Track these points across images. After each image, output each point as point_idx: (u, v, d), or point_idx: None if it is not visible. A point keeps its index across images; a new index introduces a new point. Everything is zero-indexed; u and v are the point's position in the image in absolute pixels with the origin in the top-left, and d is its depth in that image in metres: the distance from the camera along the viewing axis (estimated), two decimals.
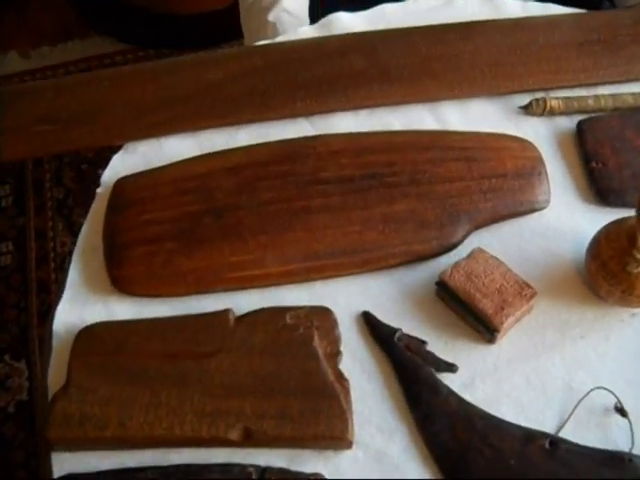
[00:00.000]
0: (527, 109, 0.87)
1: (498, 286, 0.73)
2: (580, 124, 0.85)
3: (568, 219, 0.81)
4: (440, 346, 0.73)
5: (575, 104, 0.86)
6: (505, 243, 0.79)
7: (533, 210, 0.80)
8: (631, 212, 0.71)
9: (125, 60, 1.78)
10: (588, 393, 0.70)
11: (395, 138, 0.82)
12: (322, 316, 0.74)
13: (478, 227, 0.78)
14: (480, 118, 0.87)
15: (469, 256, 0.75)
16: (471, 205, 0.78)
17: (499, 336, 0.72)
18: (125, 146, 0.88)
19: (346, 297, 0.76)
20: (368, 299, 0.76)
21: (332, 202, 0.78)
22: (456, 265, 0.74)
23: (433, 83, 0.87)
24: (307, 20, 1.07)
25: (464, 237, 0.78)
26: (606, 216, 0.79)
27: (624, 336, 0.74)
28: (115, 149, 0.89)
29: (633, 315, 0.75)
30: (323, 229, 0.77)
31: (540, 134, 0.86)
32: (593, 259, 0.73)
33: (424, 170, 0.80)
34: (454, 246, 0.77)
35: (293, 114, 0.86)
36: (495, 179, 0.80)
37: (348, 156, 0.81)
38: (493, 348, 0.73)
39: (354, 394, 0.70)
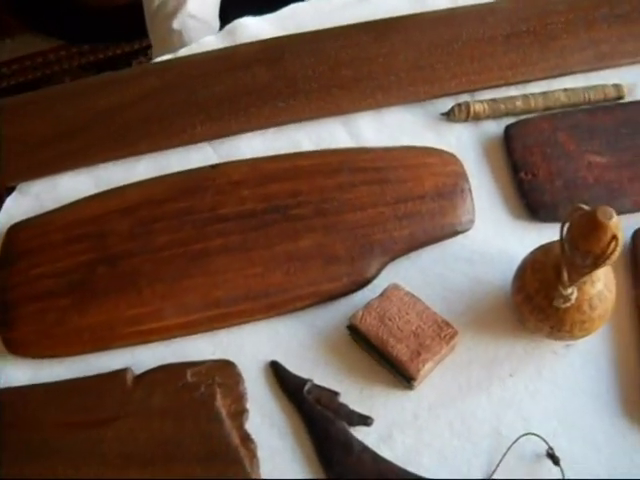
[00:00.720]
0: (449, 116, 0.81)
1: (414, 328, 0.68)
2: (507, 129, 0.80)
3: (496, 239, 0.76)
4: (355, 394, 0.69)
5: (502, 106, 0.81)
6: (426, 272, 0.74)
7: (456, 233, 0.75)
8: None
9: (58, 57, 1.71)
10: (517, 440, 0.66)
11: (301, 162, 0.77)
12: (225, 371, 0.70)
13: (395, 257, 0.73)
14: (398, 129, 0.82)
15: (382, 295, 0.70)
16: (385, 234, 0.73)
17: (417, 383, 0.68)
18: (18, 187, 0.83)
19: (253, 345, 0.72)
20: (277, 346, 0.72)
21: (232, 242, 0.73)
22: (368, 306, 0.69)
23: (344, 94, 0.81)
24: (217, 24, 1.00)
25: (379, 270, 0.73)
26: (538, 233, 0.75)
27: (557, 370, 0.70)
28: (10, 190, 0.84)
29: (567, 346, 0.70)
30: (223, 273, 0.72)
31: (464, 142, 0.81)
32: (518, 291, 0.68)
33: (332, 198, 0.75)
34: (368, 281, 0.73)
35: (194, 140, 0.81)
36: (412, 202, 0.75)
37: (249, 187, 0.76)
38: (413, 394, 0.69)
39: (263, 453, 0.67)
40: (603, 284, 0.65)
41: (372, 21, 0.86)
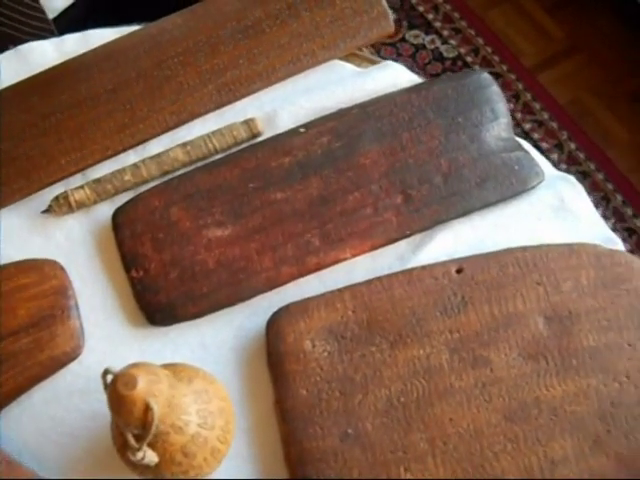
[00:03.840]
0: (51, 212, 0.68)
1: None
2: (115, 216, 0.67)
3: (113, 358, 0.64)
4: None
5: (109, 186, 0.67)
6: (38, 417, 0.65)
7: (63, 365, 0.65)
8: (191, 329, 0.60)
9: None
10: None
11: None
12: None
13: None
14: (4, 240, 0.69)
15: None
16: None
17: None
18: None
19: None
20: None
21: None
22: None
23: None
24: None
25: None
26: (161, 341, 0.66)
27: None
28: None
29: None
30: None
31: (75, 239, 0.70)
32: (114, 440, 0.57)
33: None
34: None
35: None
36: (3, 343, 0.64)
37: None
38: None
39: None
40: (197, 425, 0.55)
41: None
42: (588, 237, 0.66)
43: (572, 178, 0.69)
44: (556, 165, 1.20)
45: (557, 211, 0.67)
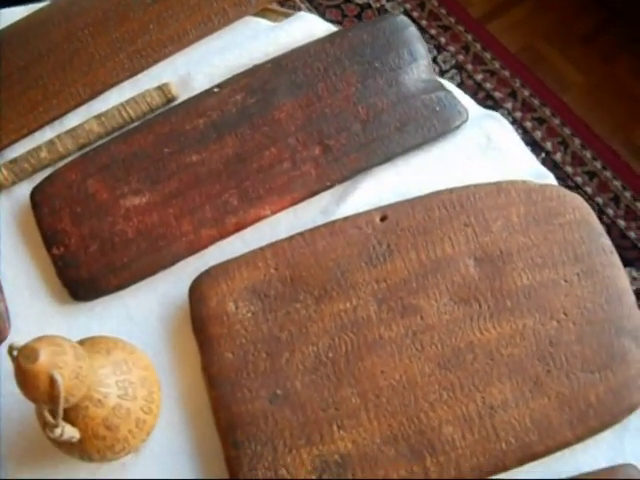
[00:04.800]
0: None
1: None
2: (33, 195, 0.64)
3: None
4: None
5: (26, 166, 0.65)
6: None
7: None
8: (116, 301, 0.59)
9: None
10: None
11: None
12: None
13: None
14: None
15: None
16: None
17: None
18: None
19: None
20: None
21: None
22: None
23: None
24: None
25: None
26: (86, 316, 0.63)
27: None
28: None
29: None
30: None
31: None
32: (39, 421, 0.54)
33: None
34: None
35: None
36: None
37: None
38: None
39: None
40: (117, 396, 0.53)
41: None
42: (519, 174, 0.63)
43: (498, 115, 0.66)
44: (511, 113, 1.16)
45: (484, 150, 0.64)
